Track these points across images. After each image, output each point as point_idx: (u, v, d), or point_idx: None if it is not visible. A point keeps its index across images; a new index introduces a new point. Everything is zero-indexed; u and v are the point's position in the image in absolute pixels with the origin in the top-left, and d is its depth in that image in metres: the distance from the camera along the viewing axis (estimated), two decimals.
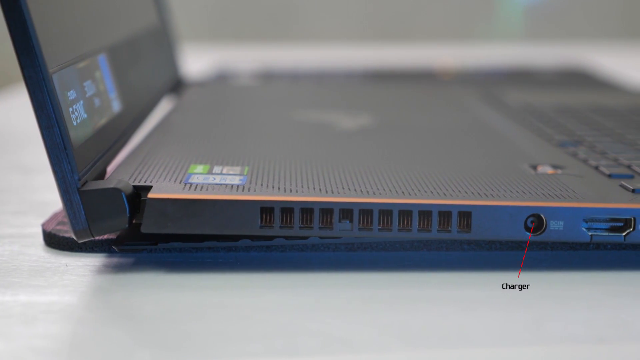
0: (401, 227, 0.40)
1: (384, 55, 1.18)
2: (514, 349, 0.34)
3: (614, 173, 0.45)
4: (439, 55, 1.22)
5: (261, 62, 1.06)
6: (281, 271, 0.41)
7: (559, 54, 1.17)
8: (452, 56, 1.22)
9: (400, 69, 1.03)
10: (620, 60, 1.17)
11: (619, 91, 0.81)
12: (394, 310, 0.37)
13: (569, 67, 1.03)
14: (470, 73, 1.01)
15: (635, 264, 0.42)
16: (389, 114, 0.64)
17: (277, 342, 0.34)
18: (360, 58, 1.13)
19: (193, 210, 0.39)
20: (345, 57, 1.15)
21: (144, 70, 0.60)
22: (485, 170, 0.45)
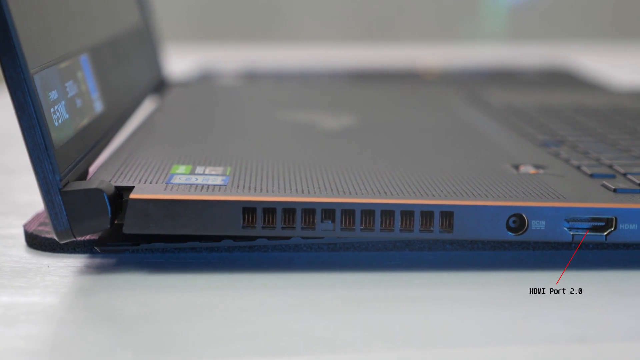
0: (383, 227, 0.40)
1: (368, 56, 1.18)
2: (495, 349, 0.34)
3: (595, 173, 0.45)
4: (422, 56, 1.22)
5: (245, 62, 1.06)
6: (263, 271, 0.41)
7: (542, 54, 1.17)
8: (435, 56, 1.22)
9: (384, 69, 1.03)
10: (603, 60, 1.17)
11: (602, 91, 0.81)
12: (376, 310, 0.37)
13: (552, 67, 1.04)
14: (453, 73, 1.01)
15: (616, 263, 0.42)
16: (372, 114, 0.64)
17: (259, 343, 0.34)
18: (344, 58, 1.13)
19: (175, 210, 0.39)
20: (329, 57, 1.15)
21: (127, 71, 0.60)
22: (467, 170, 0.45)
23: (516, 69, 1.02)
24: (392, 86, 0.84)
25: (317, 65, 1.04)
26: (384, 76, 0.98)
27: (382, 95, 0.75)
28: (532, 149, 0.52)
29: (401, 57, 1.16)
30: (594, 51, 1.31)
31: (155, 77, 0.73)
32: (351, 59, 1.11)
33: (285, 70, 1.00)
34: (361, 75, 0.98)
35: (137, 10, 0.72)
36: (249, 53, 1.22)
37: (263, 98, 0.73)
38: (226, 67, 1.00)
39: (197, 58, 1.09)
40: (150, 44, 0.75)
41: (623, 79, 0.95)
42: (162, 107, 0.64)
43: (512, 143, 0.54)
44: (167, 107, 0.64)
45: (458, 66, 1.06)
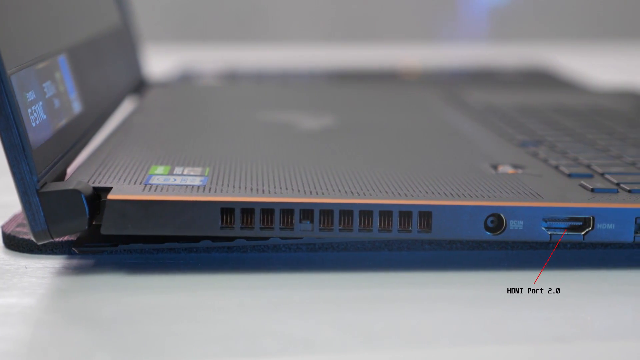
0: (362, 227, 0.40)
1: (349, 56, 1.18)
2: (474, 349, 0.34)
3: (573, 172, 0.46)
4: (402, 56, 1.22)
5: (225, 62, 1.06)
6: (242, 272, 0.41)
7: (521, 54, 1.18)
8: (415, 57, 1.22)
9: (365, 69, 1.03)
10: (582, 60, 1.17)
11: (581, 91, 0.81)
12: (355, 311, 0.37)
13: (531, 67, 1.04)
14: (433, 73, 1.01)
15: (594, 262, 0.43)
16: (352, 114, 0.64)
17: (237, 343, 0.34)
18: (324, 58, 1.13)
19: (153, 211, 0.39)
20: (310, 57, 1.15)
21: (106, 71, 0.60)
22: (446, 170, 0.45)
23: (496, 69, 1.03)
24: (373, 86, 0.84)
25: (297, 65, 1.04)
26: (365, 76, 0.98)
27: (362, 95, 0.75)
28: (511, 148, 0.52)
29: (382, 58, 1.16)
30: (573, 51, 1.31)
31: (135, 78, 0.73)
32: (332, 60, 1.11)
33: (266, 71, 1.00)
34: (342, 75, 0.98)
35: (116, 10, 0.72)
36: (229, 53, 1.22)
37: (243, 98, 0.73)
38: (206, 68, 1.00)
39: (177, 58, 1.09)
40: (130, 45, 0.75)
41: (602, 79, 0.95)
42: (141, 108, 0.64)
43: (490, 143, 0.54)
44: (147, 108, 0.64)
45: (438, 66, 1.06)
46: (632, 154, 0.51)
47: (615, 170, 0.46)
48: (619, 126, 0.60)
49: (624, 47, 1.38)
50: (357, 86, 0.85)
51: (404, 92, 0.77)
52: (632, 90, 0.77)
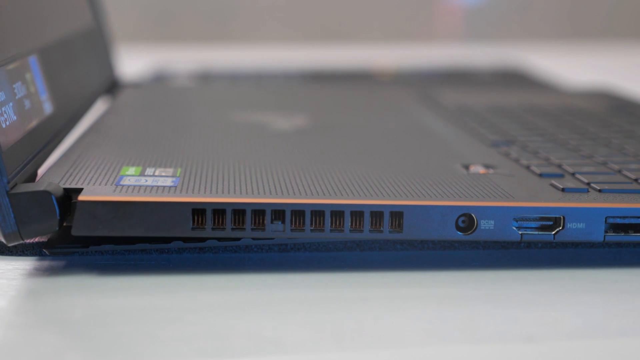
0: (333, 227, 0.40)
1: (323, 56, 1.18)
2: (445, 348, 0.34)
3: (544, 172, 0.46)
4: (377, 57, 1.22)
5: (200, 63, 1.05)
6: (214, 273, 0.41)
7: (495, 55, 1.18)
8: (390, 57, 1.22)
9: (339, 69, 1.03)
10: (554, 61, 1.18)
11: (553, 91, 0.81)
12: (326, 311, 0.37)
13: (504, 67, 1.04)
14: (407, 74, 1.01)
15: (564, 262, 0.43)
16: (325, 114, 0.64)
17: (208, 344, 0.34)
18: (299, 59, 1.13)
19: (124, 212, 0.39)
20: (284, 58, 1.15)
21: (78, 72, 0.59)
22: (418, 171, 0.45)
23: (469, 69, 1.03)
24: (346, 87, 0.84)
25: (272, 66, 1.04)
26: (339, 77, 0.98)
27: (335, 96, 0.75)
28: (483, 149, 0.52)
29: (356, 58, 1.16)
30: (546, 52, 1.32)
31: (108, 78, 0.73)
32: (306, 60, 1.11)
33: (240, 71, 1.00)
34: (316, 76, 0.98)
35: (88, 11, 0.72)
36: (203, 54, 1.22)
37: (216, 99, 0.73)
38: (180, 68, 1.00)
39: (151, 59, 1.09)
40: (102, 45, 0.74)
41: (574, 79, 0.95)
42: (114, 108, 0.64)
43: (463, 143, 0.54)
44: (119, 108, 0.64)
45: (412, 67, 1.06)
46: (603, 153, 0.51)
47: (586, 170, 0.46)
48: (590, 126, 0.60)
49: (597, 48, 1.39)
50: (331, 87, 0.85)
51: (377, 93, 0.77)
52: (604, 91, 0.77)
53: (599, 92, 0.76)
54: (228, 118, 0.61)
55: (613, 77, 0.94)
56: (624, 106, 0.69)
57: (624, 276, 0.41)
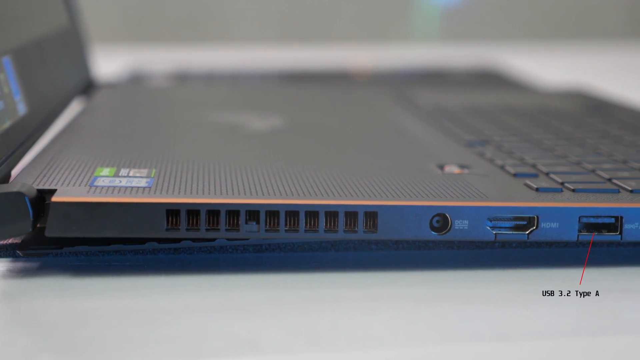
0: (308, 228, 0.40)
1: (300, 57, 1.18)
2: (419, 348, 0.34)
3: (519, 172, 0.46)
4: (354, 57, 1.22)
5: (176, 63, 1.05)
6: (188, 273, 0.41)
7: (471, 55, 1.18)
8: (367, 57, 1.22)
9: (316, 70, 1.03)
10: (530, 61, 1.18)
11: (529, 91, 0.82)
12: (301, 311, 0.37)
13: (481, 67, 1.05)
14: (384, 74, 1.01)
15: (538, 261, 0.43)
16: (301, 115, 0.64)
17: (182, 345, 0.34)
18: (276, 59, 1.13)
19: (98, 213, 0.39)
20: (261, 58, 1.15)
21: (52, 73, 0.59)
22: (392, 171, 0.45)
23: (446, 69, 1.03)
24: (323, 87, 0.84)
25: (249, 66, 1.04)
26: (316, 77, 0.98)
27: (312, 96, 0.75)
28: (458, 149, 0.52)
29: (333, 58, 1.16)
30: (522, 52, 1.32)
31: (83, 79, 0.73)
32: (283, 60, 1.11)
33: (217, 72, 0.99)
34: (293, 76, 0.98)
35: (63, 11, 0.71)
36: (180, 54, 1.22)
37: (192, 99, 0.72)
38: (157, 69, 0.99)
39: (127, 59, 1.09)
40: (78, 46, 0.74)
41: (550, 79, 0.96)
42: (89, 109, 0.64)
43: (438, 143, 0.54)
44: (94, 109, 0.64)
45: (389, 67, 1.06)
46: (578, 153, 0.51)
47: (560, 170, 0.46)
48: (565, 126, 0.60)
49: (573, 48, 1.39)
50: (308, 87, 0.85)
51: (354, 93, 0.77)
52: (579, 91, 0.78)
53: (574, 92, 0.77)
54: (204, 118, 0.61)
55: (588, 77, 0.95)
56: (599, 106, 0.70)
57: (597, 275, 0.41)
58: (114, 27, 1.55)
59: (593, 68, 1.17)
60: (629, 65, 1.23)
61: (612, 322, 0.38)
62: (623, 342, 0.35)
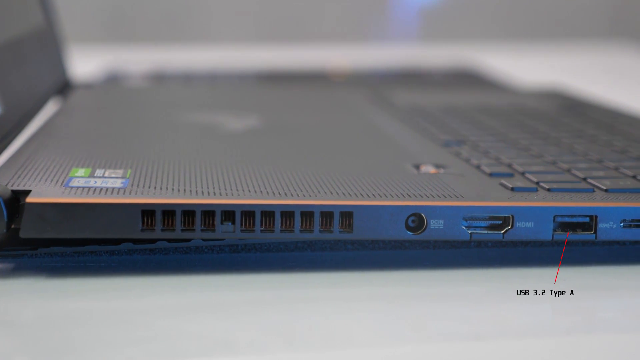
0: (283, 228, 0.40)
1: (278, 57, 1.18)
2: (395, 348, 0.34)
3: (494, 172, 0.46)
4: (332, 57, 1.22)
5: (153, 63, 1.05)
6: (164, 274, 0.41)
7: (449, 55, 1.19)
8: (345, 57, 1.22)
9: (293, 70, 1.03)
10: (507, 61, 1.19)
11: (506, 91, 0.82)
12: (277, 312, 0.37)
13: (458, 67, 1.05)
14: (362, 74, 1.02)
15: (513, 261, 0.43)
16: (278, 115, 0.64)
17: (157, 346, 0.34)
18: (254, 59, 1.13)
19: (73, 214, 0.38)
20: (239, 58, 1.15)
21: (28, 73, 0.59)
22: (368, 171, 0.45)
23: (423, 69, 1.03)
24: (300, 88, 0.84)
25: (226, 66, 1.04)
26: (293, 78, 0.98)
27: (289, 96, 0.75)
28: (434, 148, 0.53)
29: (311, 59, 1.16)
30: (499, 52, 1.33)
31: (59, 79, 0.72)
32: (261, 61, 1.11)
33: (195, 72, 0.99)
34: (270, 76, 0.98)
35: (39, 11, 0.71)
36: (157, 54, 1.22)
37: (169, 100, 0.72)
38: (134, 69, 0.99)
39: (104, 60, 1.08)
40: (54, 46, 0.74)
41: (527, 79, 0.96)
42: (65, 110, 0.63)
43: (414, 143, 0.54)
44: (70, 110, 0.64)
45: (367, 67, 1.06)
46: (553, 153, 0.51)
47: (536, 170, 0.47)
48: (541, 126, 0.60)
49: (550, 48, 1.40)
50: (286, 87, 0.85)
51: (331, 93, 0.77)
52: (555, 90, 0.78)
53: (550, 92, 0.77)
54: (180, 119, 0.61)
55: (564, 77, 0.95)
56: (575, 106, 0.70)
57: (572, 274, 0.42)
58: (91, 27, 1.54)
59: (569, 68, 1.18)
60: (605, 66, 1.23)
61: (586, 321, 0.38)
62: (597, 340, 0.35)
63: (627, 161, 0.49)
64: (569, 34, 1.61)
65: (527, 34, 1.61)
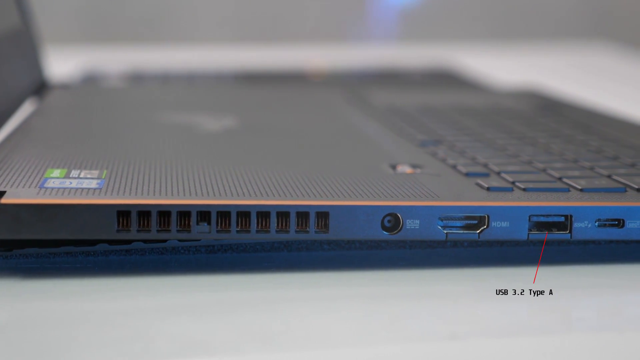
0: (259, 228, 0.40)
1: (256, 57, 1.18)
2: (372, 348, 0.34)
3: (470, 172, 0.46)
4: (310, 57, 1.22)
5: (131, 64, 1.05)
6: (140, 275, 0.41)
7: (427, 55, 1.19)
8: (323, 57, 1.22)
9: (272, 70, 1.03)
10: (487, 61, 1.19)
11: (483, 91, 0.82)
12: (254, 312, 0.37)
13: (435, 68, 1.05)
14: (340, 74, 1.02)
15: (490, 260, 0.43)
16: (255, 115, 0.64)
17: (133, 347, 0.33)
18: (232, 60, 1.13)
19: (48, 215, 0.38)
20: (217, 58, 1.15)
21: (4, 73, 0.59)
22: (345, 171, 0.45)
23: (401, 70, 1.04)
24: (278, 88, 0.84)
25: (204, 66, 1.04)
26: (271, 78, 0.98)
27: (266, 96, 0.75)
28: (411, 148, 0.53)
29: (289, 59, 1.16)
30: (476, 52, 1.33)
31: (36, 80, 0.72)
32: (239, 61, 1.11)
33: (172, 72, 0.99)
34: (248, 76, 0.98)
35: (15, 11, 0.71)
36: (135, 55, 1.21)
37: (147, 100, 0.72)
38: (111, 69, 0.99)
39: (82, 60, 1.08)
40: (31, 46, 0.74)
41: (503, 79, 0.96)
42: (41, 110, 0.63)
43: (391, 143, 0.54)
44: (46, 110, 0.64)
45: (345, 67, 1.06)
46: (529, 152, 0.52)
47: (512, 169, 0.47)
48: (517, 125, 0.61)
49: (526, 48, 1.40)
50: (263, 87, 0.85)
51: (309, 93, 0.77)
52: (532, 90, 0.78)
53: (527, 92, 0.77)
54: (157, 119, 0.60)
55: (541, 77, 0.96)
56: (551, 105, 0.70)
57: (548, 274, 0.42)
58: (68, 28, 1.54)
59: (549, 68, 1.18)
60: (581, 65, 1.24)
61: (565, 321, 0.38)
62: (576, 340, 0.35)
63: (603, 161, 0.50)
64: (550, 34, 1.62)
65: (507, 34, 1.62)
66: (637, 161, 0.49)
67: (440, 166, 0.48)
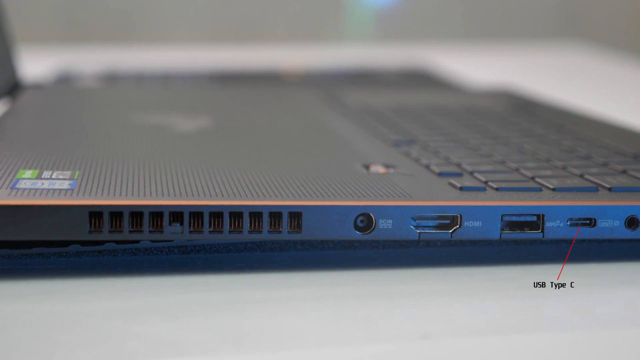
0: (232, 229, 0.40)
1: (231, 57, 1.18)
2: (344, 348, 0.34)
3: (443, 171, 0.46)
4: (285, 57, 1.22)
5: (106, 64, 1.04)
6: (112, 276, 0.41)
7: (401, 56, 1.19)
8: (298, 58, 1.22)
9: (247, 70, 1.03)
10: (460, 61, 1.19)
11: (457, 91, 0.82)
12: (225, 313, 0.37)
13: (410, 68, 1.05)
14: (315, 74, 1.02)
15: (462, 260, 0.43)
16: (229, 115, 0.64)
17: (103, 348, 0.33)
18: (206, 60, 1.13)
19: (19, 216, 0.38)
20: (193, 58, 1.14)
21: None
22: (318, 171, 0.45)
23: (375, 70, 1.04)
24: (253, 88, 0.84)
25: (180, 66, 1.04)
26: (247, 78, 0.98)
27: (241, 97, 0.75)
28: (384, 148, 0.53)
29: (265, 59, 1.16)
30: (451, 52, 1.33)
31: (8, 80, 0.72)
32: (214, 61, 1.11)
33: (148, 72, 0.99)
34: (224, 76, 0.98)
35: None
36: (110, 55, 1.21)
37: (121, 100, 0.72)
38: (86, 69, 0.98)
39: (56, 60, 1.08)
40: (3, 46, 0.73)
41: (477, 78, 0.97)
42: (13, 110, 0.63)
43: (365, 143, 0.55)
44: (18, 110, 0.63)
45: (320, 67, 1.06)
46: (502, 152, 0.52)
47: (485, 169, 0.47)
48: (491, 125, 0.61)
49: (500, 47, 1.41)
50: (238, 87, 0.85)
51: (283, 94, 0.77)
52: (506, 90, 0.78)
53: (501, 92, 0.78)
54: (131, 120, 0.60)
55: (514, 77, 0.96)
56: (525, 105, 0.70)
57: (520, 273, 0.42)
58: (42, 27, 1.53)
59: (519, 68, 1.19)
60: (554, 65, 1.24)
61: (535, 320, 0.38)
62: (546, 339, 0.36)
63: (575, 160, 0.50)
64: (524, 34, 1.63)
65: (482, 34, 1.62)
66: (609, 160, 0.49)
67: (414, 166, 0.48)
